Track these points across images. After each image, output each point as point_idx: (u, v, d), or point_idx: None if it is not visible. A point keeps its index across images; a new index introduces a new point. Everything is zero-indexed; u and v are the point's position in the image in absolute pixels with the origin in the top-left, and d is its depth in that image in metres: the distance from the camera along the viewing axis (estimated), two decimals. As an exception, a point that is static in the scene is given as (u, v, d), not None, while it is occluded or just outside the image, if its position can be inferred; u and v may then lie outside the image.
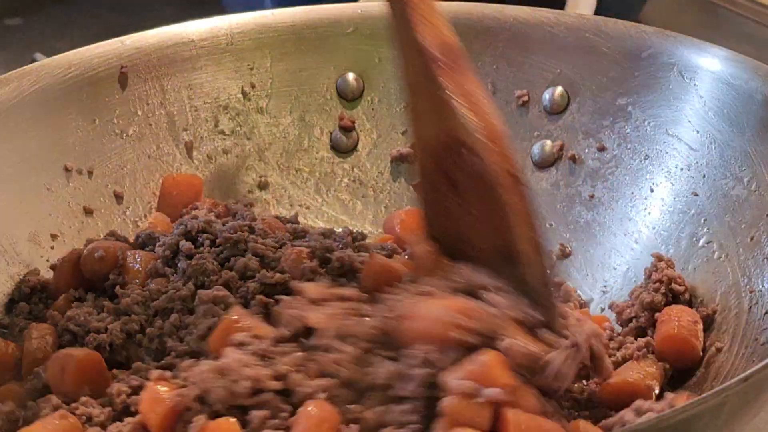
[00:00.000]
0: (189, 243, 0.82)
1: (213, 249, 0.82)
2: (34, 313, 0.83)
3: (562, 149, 0.93)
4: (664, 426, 0.55)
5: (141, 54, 0.95)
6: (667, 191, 0.86)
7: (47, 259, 0.87)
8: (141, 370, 0.75)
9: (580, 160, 0.92)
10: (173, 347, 0.76)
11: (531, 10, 0.96)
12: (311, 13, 1.00)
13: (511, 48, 0.96)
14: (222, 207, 0.91)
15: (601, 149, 0.91)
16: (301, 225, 0.92)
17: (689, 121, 0.86)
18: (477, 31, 0.97)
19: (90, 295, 0.83)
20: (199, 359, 0.72)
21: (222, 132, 0.97)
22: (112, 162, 0.93)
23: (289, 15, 1.00)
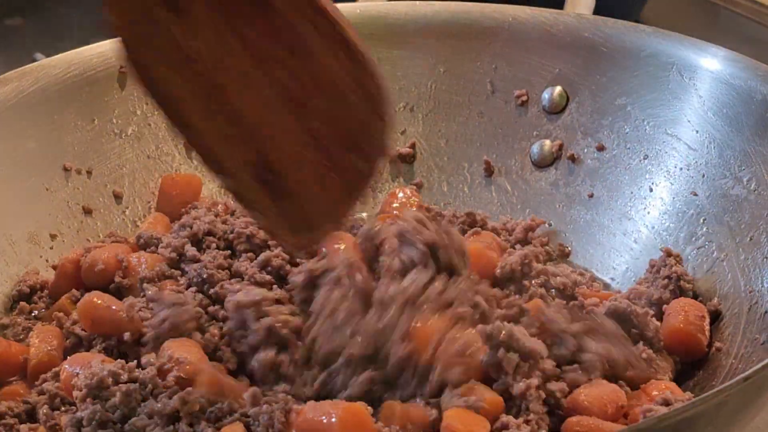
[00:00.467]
0: (194, 249, 0.83)
1: (220, 252, 0.82)
2: (34, 313, 0.83)
3: (561, 149, 0.93)
4: (664, 426, 0.55)
5: (140, 54, 0.95)
6: (667, 191, 0.86)
7: (46, 259, 0.87)
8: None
9: (579, 159, 0.92)
10: None
11: (530, 9, 0.96)
12: (311, 13, 1.00)
13: (510, 48, 0.96)
14: (222, 206, 0.91)
15: (601, 149, 0.91)
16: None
17: (688, 121, 0.86)
18: (476, 31, 0.97)
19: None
20: None
21: (221, 132, 0.97)
22: (111, 162, 0.93)
23: (289, 15, 1.00)
